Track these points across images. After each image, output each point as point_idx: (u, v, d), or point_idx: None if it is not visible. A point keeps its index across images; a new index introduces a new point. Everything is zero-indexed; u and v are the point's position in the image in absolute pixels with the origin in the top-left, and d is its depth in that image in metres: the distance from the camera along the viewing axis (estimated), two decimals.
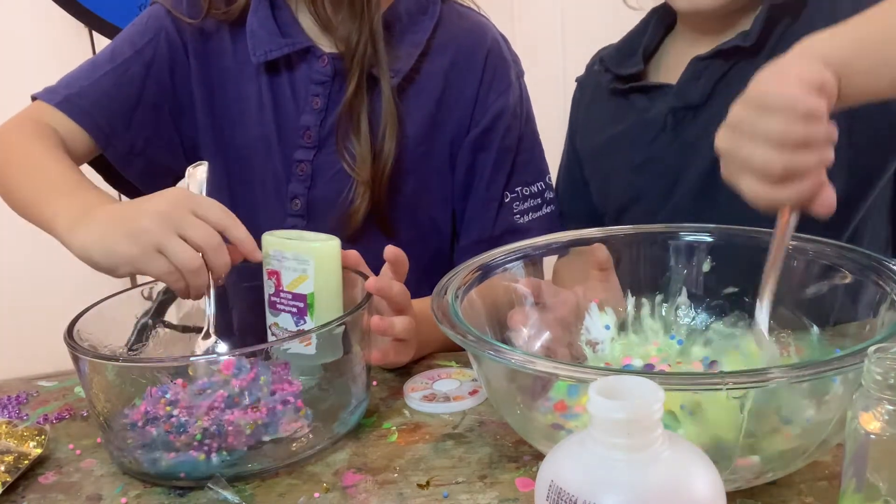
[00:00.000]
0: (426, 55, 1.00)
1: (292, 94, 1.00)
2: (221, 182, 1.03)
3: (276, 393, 0.71)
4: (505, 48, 1.05)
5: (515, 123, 1.03)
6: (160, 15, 1.01)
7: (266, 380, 0.71)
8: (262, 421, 0.69)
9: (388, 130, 0.96)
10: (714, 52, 0.92)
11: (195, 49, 1.01)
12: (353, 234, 0.97)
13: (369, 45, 0.94)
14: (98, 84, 0.97)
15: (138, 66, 0.99)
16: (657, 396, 0.44)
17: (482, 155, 1.02)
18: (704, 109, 0.93)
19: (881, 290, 0.66)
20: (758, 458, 0.57)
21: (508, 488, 0.65)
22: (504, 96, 1.02)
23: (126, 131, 0.98)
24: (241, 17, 1.00)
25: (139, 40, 1.00)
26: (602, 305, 0.80)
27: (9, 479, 0.68)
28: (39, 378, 0.92)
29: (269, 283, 0.79)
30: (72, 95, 0.96)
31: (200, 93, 1.02)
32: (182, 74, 1.01)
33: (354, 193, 0.97)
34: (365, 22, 0.94)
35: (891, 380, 0.47)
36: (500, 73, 1.03)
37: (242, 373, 0.70)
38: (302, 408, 0.71)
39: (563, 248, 0.83)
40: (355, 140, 0.96)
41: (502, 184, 1.02)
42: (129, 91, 0.98)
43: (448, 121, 1.01)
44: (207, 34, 1.02)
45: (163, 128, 1.01)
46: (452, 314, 0.65)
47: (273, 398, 0.70)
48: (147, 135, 1.00)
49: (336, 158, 0.98)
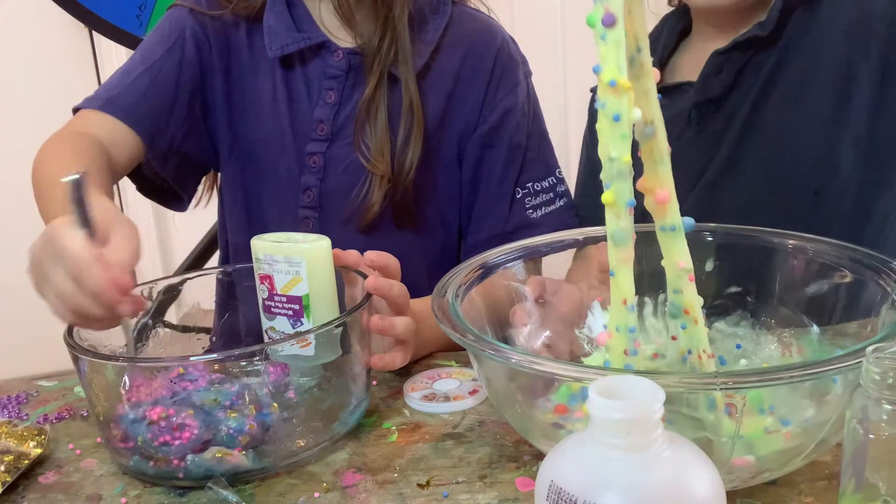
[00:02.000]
0: (437, 53, 1.02)
1: (306, 88, 1.03)
2: (236, 176, 1.07)
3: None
4: (514, 48, 1.07)
5: (524, 122, 1.05)
6: (182, 16, 1.04)
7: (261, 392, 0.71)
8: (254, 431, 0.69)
9: (414, 130, 0.99)
10: (732, 44, 0.94)
11: (217, 44, 1.04)
12: (367, 226, 1.00)
13: (392, 42, 0.97)
14: (135, 85, 1.00)
15: (171, 65, 1.01)
16: (657, 396, 0.44)
17: (491, 152, 1.04)
18: (726, 102, 0.95)
19: (882, 290, 0.66)
20: (754, 457, 0.57)
21: (508, 488, 0.65)
22: (513, 94, 1.04)
23: (166, 128, 1.01)
24: (258, 13, 1.03)
25: (167, 41, 1.03)
26: (605, 304, 0.80)
27: (9, 479, 0.68)
28: (39, 378, 0.92)
29: (261, 287, 0.79)
30: (112, 97, 0.99)
31: (221, 87, 1.05)
32: (210, 70, 1.04)
33: (370, 187, 0.99)
34: (389, 20, 0.97)
35: (889, 379, 0.47)
36: (508, 72, 1.05)
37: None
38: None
39: (564, 248, 0.83)
40: (372, 134, 0.98)
41: (513, 180, 1.04)
42: (164, 90, 1.01)
43: (457, 117, 1.03)
44: (227, 29, 1.04)
45: (195, 124, 1.04)
46: (452, 313, 0.65)
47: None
48: (184, 132, 1.03)
49: (348, 151, 1.01)
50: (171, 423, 0.68)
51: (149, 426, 0.68)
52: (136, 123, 0.98)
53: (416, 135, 0.99)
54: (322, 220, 1.03)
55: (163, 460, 0.67)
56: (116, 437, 0.70)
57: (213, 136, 1.07)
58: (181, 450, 0.67)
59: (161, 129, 1.00)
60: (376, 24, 0.98)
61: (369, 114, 0.98)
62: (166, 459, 0.67)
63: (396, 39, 0.98)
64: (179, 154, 1.04)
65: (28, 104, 2.20)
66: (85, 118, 0.99)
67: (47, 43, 2.15)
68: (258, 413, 0.69)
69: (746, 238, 0.77)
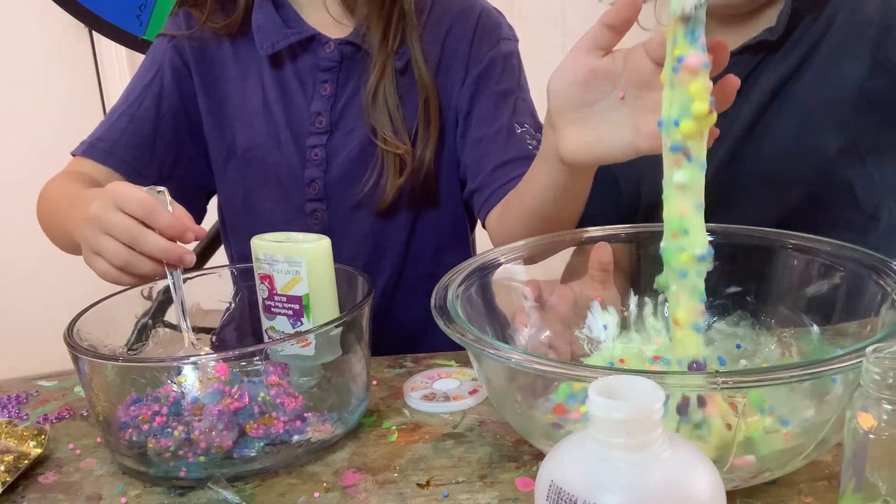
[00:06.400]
0: (425, 29, 1.04)
1: (300, 84, 1.05)
2: (236, 184, 1.09)
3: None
4: (495, 14, 1.09)
5: (509, 73, 1.06)
6: (162, 46, 1.08)
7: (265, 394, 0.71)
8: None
9: (431, 108, 1.02)
10: (742, 48, 0.94)
11: (197, 65, 1.07)
12: (381, 209, 1.03)
13: (399, 22, 1.01)
14: (115, 125, 1.05)
15: (149, 99, 1.06)
16: (657, 396, 0.44)
17: (480, 97, 1.04)
18: (734, 104, 0.95)
19: (882, 290, 0.66)
20: (754, 457, 0.57)
21: (508, 488, 0.65)
22: (496, 48, 1.06)
23: (152, 160, 1.05)
24: (241, 27, 1.06)
25: (146, 76, 1.07)
26: (604, 304, 0.80)
27: (9, 479, 0.68)
28: (39, 378, 0.92)
29: (262, 287, 0.79)
30: (94, 141, 1.04)
31: (205, 103, 1.07)
32: (190, 94, 1.07)
33: (383, 169, 1.01)
34: (394, 5, 1.01)
35: (889, 379, 0.47)
36: (490, 31, 1.07)
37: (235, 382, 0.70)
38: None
39: (564, 248, 0.83)
40: (385, 117, 1.00)
41: (506, 118, 1.04)
42: (145, 124, 1.05)
43: (447, 82, 1.05)
44: (209, 47, 1.07)
45: (184, 149, 1.08)
46: (452, 313, 0.65)
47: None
48: (172, 159, 1.07)
49: (349, 139, 1.03)
50: (171, 422, 0.68)
51: (149, 426, 0.69)
52: (117, 164, 1.03)
53: (433, 112, 1.02)
54: (331, 209, 1.05)
55: (163, 460, 0.67)
56: (116, 436, 0.70)
57: (205, 156, 1.09)
58: (181, 449, 0.67)
59: (145, 162, 1.04)
60: (381, 10, 1.01)
61: (377, 98, 1.00)
62: (166, 459, 0.67)
63: (404, 20, 1.01)
64: (173, 180, 1.06)
65: (28, 104, 2.20)
66: (76, 163, 1.04)
67: (47, 43, 2.15)
68: (260, 413, 0.69)
69: (746, 238, 0.77)
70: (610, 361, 0.76)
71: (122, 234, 0.76)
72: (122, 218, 0.76)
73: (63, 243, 0.96)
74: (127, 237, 0.75)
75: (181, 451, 0.67)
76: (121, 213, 0.76)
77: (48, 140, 1.75)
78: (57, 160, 1.08)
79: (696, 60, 0.59)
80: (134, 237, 0.75)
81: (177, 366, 0.71)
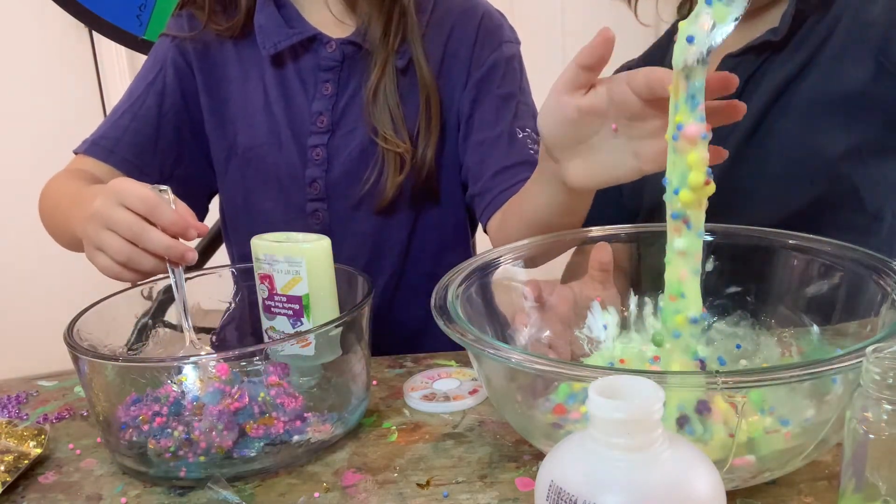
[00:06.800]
0: (427, 30, 1.05)
1: (301, 84, 1.05)
2: (237, 184, 1.09)
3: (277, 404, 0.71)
4: (497, 16, 1.10)
5: (511, 76, 1.06)
6: (164, 45, 1.08)
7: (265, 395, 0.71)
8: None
9: (432, 107, 1.02)
10: (745, 48, 0.94)
11: (199, 65, 1.07)
12: (382, 208, 1.03)
13: (400, 22, 1.01)
14: (118, 124, 1.05)
15: (151, 97, 1.06)
16: (657, 396, 0.44)
17: (482, 101, 1.05)
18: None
19: (882, 290, 0.66)
20: (754, 457, 0.57)
21: (508, 488, 0.65)
22: (497, 51, 1.06)
23: (154, 158, 1.05)
24: (242, 29, 1.06)
25: (149, 74, 1.08)
26: (604, 304, 0.80)
27: (9, 479, 0.68)
28: (39, 378, 0.92)
29: (262, 287, 0.79)
30: (97, 139, 1.05)
31: (207, 103, 1.07)
32: (192, 93, 1.08)
33: (383, 168, 1.01)
34: (397, 1, 1.01)
35: (889, 379, 0.47)
36: (492, 34, 1.07)
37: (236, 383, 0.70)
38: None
39: (564, 248, 0.83)
40: (386, 116, 1.01)
41: (508, 122, 1.04)
42: (147, 122, 1.05)
43: (448, 84, 1.05)
44: (211, 48, 1.07)
45: (185, 148, 1.08)
46: (452, 313, 0.65)
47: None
48: (174, 158, 1.07)
49: (350, 139, 1.03)
50: (171, 422, 0.68)
51: (149, 426, 0.69)
52: (119, 162, 1.03)
53: (434, 111, 1.02)
54: (331, 209, 1.05)
55: (163, 460, 0.67)
56: (116, 436, 0.70)
57: (207, 155, 1.10)
58: (181, 449, 0.67)
59: (147, 161, 1.05)
60: (381, 8, 1.01)
61: (378, 96, 1.01)
62: (166, 459, 0.67)
63: (405, 17, 1.01)
64: (174, 179, 1.06)
65: (28, 104, 2.20)
66: (79, 162, 1.04)
67: (47, 43, 2.15)
68: (260, 413, 0.69)
69: (746, 238, 0.77)
70: (610, 361, 0.76)
71: (124, 230, 0.76)
72: (125, 214, 0.76)
73: (65, 240, 0.97)
74: (129, 233, 0.76)
75: (181, 452, 0.67)
76: (124, 210, 0.76)
77: (48, 140, 1.75)
78: (57, 160, 1.08)
79: (694, 131, 0.60)
80: (137, 233, 0.75)
81: (177, 366, 0.71)
